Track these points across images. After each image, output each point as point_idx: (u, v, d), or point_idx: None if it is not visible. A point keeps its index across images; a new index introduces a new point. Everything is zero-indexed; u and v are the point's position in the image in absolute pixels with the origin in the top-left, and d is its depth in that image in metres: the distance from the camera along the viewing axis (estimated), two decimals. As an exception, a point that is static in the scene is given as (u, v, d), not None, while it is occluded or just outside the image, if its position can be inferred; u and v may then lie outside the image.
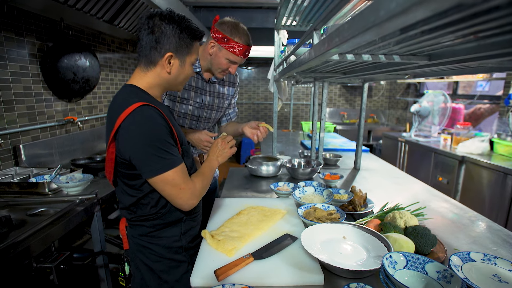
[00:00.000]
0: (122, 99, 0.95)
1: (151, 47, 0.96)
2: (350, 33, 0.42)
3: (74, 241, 2.05)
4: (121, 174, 1.00)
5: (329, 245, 1.00)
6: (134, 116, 0.89)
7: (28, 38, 1.99)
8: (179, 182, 0.94)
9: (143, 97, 0.96)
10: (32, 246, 1.14)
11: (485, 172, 2.60)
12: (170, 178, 0.93)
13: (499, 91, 3.52)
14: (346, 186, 1.79)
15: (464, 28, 0.42)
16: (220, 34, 1.40)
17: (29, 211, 1.36)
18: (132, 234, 1.08)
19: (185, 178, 0.96)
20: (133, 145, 0.90)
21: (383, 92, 6.19)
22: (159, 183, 0.93)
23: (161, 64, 0.98)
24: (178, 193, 0.95)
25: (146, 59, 0.98)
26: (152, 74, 1.00)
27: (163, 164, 0.91)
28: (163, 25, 0.95)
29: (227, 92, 1.70)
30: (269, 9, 4.67)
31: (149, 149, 0.89)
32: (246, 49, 1.43)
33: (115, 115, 0.91)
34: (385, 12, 0.32)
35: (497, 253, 1.06)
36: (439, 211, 1.44)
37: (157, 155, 0.90)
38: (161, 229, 1.05)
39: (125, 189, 1.01)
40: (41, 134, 2.12)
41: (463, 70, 0.96)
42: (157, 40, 0.95)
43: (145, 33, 0.96)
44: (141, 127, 0.89)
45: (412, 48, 0.62)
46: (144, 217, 1.03)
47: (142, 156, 0.90)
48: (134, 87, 0.99)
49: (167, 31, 0.95)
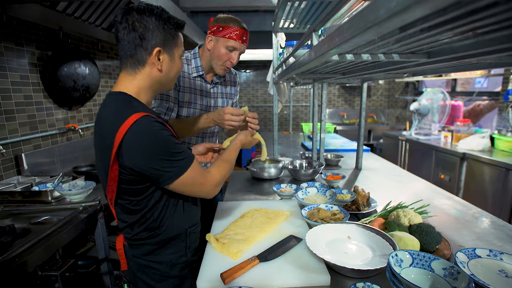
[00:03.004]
0: (114, 111, 0.86)
1: (136, 45, 0.87)
2: (350, 33, 0.42)
3: (78, 248, 2.04)
4: (125, 192, 0.91)
5: (334, 245, 1.00)
6: (137, 128, 0.82)
7: (28, 48, 2.00)
8: (198, 179, 0.92)
9: (137, 107, 0.88)
10: (36, 254, 1.14)
11: (487, 168, 2.60)
12: (190, 178, 0.90)
13: (498, 87, 3.52)
14: (349, 186, 1.79)
15: (462, 25, 0.43)
16: (215, 26, 1.41)
17: (33, 219, 1.36)
18: (133, 254, 1.01)
19: (202, 172, 0.94)
20: (145, 158, 0.84)
21: (382, 92, 6.21)
22: (180, 187, 0.90)
23: (151, 63, 0.90)
24: (200, 189, 0.94)
25: (132, 60, 0.89)
26: (141, 76, 0.91)
27: (179, 167, 0.88)
28: (144, 19, 0.86)
29: (230, 92, 1.70)
30: (266, 12, 4.70)
31: (163, 157, 0.85)
32: (243, 33, 1.42)
33: (110, 130, 0.83)
34: (385, 11, 0.32)
35: (503, 249, 1.06)
36: (442, 208, 1.44)
37: (171, 160, 0.86)
38: (165, 245, 1.00)
39: (128, 207, 0.94)
40: (42, 142, 2.12)
41: (462, 66, 0.97)
42: (141, 36, 0.86)
43: (125, 32, 0.86)
44: (149, 139, 0.83)
45: (411, 46, 0.63)
46: (147, 234, 0.97)
47: (157, 166, 0.85)
48: (124, 95, 0.89)
49: (150, 25, 0.87)
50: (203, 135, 1.64)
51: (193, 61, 1.51)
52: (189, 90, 1.50)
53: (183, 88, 1.49)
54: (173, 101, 1.45)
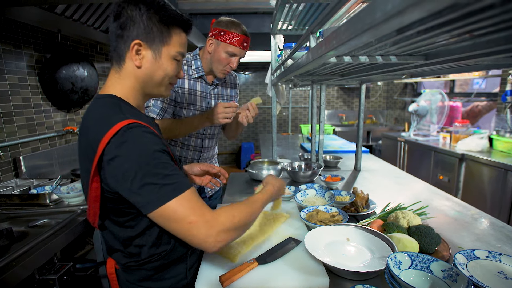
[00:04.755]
0: (99, 117, 0.74)
1: (117, 36, 0.78)
2: (347, 35, 0.42)
3: (77, 251, 2.03)
4: (111, 212, 0.79)
5: (333, 247, 1.00)
6: (121, 138, 0.70)
7: (26, 50, 2.00)
8: (185, 213, 0.69)
9: (126, 112, 0.76)
10: (34, 258, 1.13)
11: (486, 169, 2.60)
12: (171, 210, 0.69)
13: (496, 88, 3.53)
14: (348, 188, 1.79)
15: (459, 27, 0.43)
16: (217, 30, 1.42)
17: (31, 222, 1.35)
18: (128, 279, 0.88)
19: (194, 207, 0.71)
20: (123, 176, 0.69)
21: (380, 93, 6.22)
22: (159, 219, 0.71)
23: (129, 57, 0.79)
24: (188, 230, 0.70)
25: (115, 53, 0.80)
26: (125, 74, 0.81)
27: (161, 193, 0.69)
28: (129, 7, 0.76)
29: (230, 93, 1.71)
30: (264, 14, 4.71)
31: (144, 177, 0.69)
32: (244, 39, 1.43)
33: (94, 139, 0.71)
34: (381, 14, 0.32)
35: (502, 250, 1.06)
36: (441, 210, 1.44)
37: (153, 182, 0.69)
38: (164, 270, 0.88)
39: (116, 231, 0.82)
40: (40, 145, 2.12)
41: (460, 68, 0.97)
42: (122, 26, 0.76)
43: (111, 21, 0.78)
44: (131, 152, 0.69)
45: (409, 48, 0.63)
46: (143, 260, 0.84)
47: (136, 187, 0.69)
48: (112, 98, 0.80)
49: (133, 14, 0.76)
50: (203, 137, 1.64)
51: (194, 62, 1.51)
52: (189, 91, 1.50)
53: (183, 89, 1.49)
54: (167, 102, 1.45)
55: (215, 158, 1.95)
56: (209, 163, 1.84)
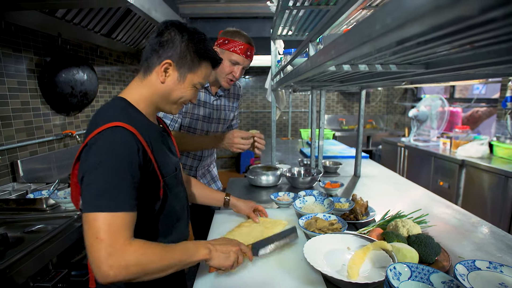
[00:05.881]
0: (103, 114, 0.81)
1: (153, 50, 0.87)
2: (346, 46, 0.41)
3: (74, 256, 2.02)
4: None
5: (332, 257, 0.98)
6: (100, 136, 0.75)
7: (26, 54, 2.00)
8: (99, 228, 0.67)
9: (128, 115, 0.82)
10: (29, 265, 1.12)
11: (486, 176, 2.59)
12: (91, 218, 0.68)
13: (496, 94, 3.53)
14: (347, 194, 1.77)
15: (460, 39, 0.42)
16: (221, 39, 1.43)
17: (27, 228, 1.34)
18: None
19: (112, 229, 0.68)
20: (83, 168, 0.74)
21: (380, 98, 6.22)
22: (83, 219, 0.71)
23: (157, 71, 0.88)
24: (91, 244, 0.67)
25: (146, 63, 0.89)
26: (147, 83, 0.89)
27: (98, 203, 0.69)
28: (174, 31, 0.87)
29: (232, 104, 1.73)
30: (265, 19, 4.73)
31: (94, 178, 0.71)
32: (248, 48, 1.44)
33: (89, 130, 0.79)
34: (381, 27, 0.31)
35: (503, 260, 1.04)
36: (441, 217, 1.42)
37: (99, 188, 0.70)
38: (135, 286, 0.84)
39: None
40: (39, 149, 2.11)
41: (460, 76, 0.96)
42: (161, 43, 0.86)
43: (153, 36, 0.88)
44: (99, 150, 0.73)
45: (409, 57, 0.62)
46: None
47: (85, 183, 0.72)
48: (123, 101, 0.87)
49: (175, 38, 0.86)
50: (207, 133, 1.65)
51: None
52: None
53: None
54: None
55: (213, 163, 1.94)
56: (207, 169, 1.84)
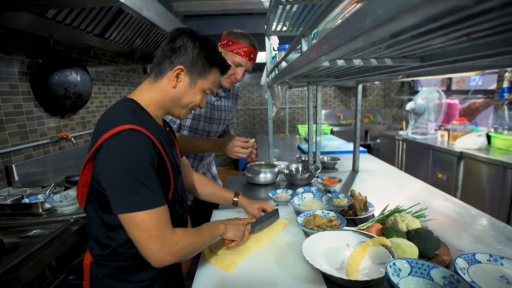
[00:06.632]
0: (114, 115, 0.84)
1: (165, 55, 0.90)
2: (338, 41, 0.40)
3: (72, 259, 2.00)
4: (96, 201, 0.87)
5: (331, 254, 0.97)
6: (119, 138, 0.77)
7: (17, 56, 1.96)
8: (150, 226, 0.76)
9: (139, 117, 0.84)
10: (25, 271, 1.10)
11: (484, 167, 2.59)
12: (139, 219, 0.75)
13: (493, 85, 3.52)
14: (346, 190, 1.77)
15: (456, 31, 0.40)
16: (226, 40, 1.43)
17: (23, 233, 1.32)
18: (97, 274, 0.92)
19: (160, 224, 0.78)
20: (108, 171, 0.77)
21: (377, 91, 6.21)
22: (126, 222, 0.77)
23: (168, 76, 0.90)
24: (146, 241, 0.76)
25: (158, 68, 0.91)
26: (157, 87, 0.92)
27: (137, 201, 0.76)
28: (186, 37, 0.90)
29: (232, 105, 1.74)
30: (260, 15, 4.69)
31: (125, 179, 0.75)
32: (251, 51, 1.44)
33: (100, 131, 0.80)
34: (372, 20, 0.30)
35: (503, 252, 1.04)
36: (440, 211, 1.42)
37: (132, 188, 0.76)
38: (129, 272, 0.90)
39: (96, 219, 0.89)
40: (34, 152, 2.09)
41: (457, 69, 0.95)
42: (173, 49, 0.89)
43: (166, 42, 0.91)
44: (120, 153, 0.76)
45: (404, 51, 0.61)
46: (110, 256, 0.89)
47: (115, 186, 0.76)
48: (133, 103, 0.89)
49: (187, 44, 0.90)
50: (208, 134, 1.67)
51: None
52: None
53: None
54: None
55: (212, 162, 1.93)
56: (207, 168, 1.83)
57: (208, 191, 1.33)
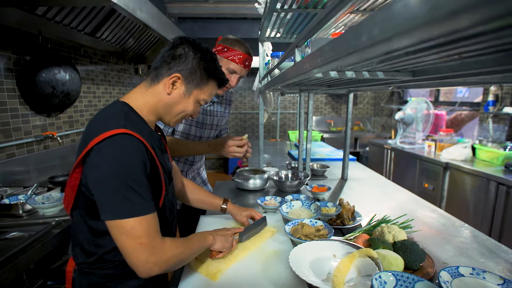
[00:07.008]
0: (105, 119, 0.82)
1: (164, 61, 0.89)
2: (332, 56, 0.40)
3: (53, 262, 1.94)
4: (83, 206, 0.84)
5: (318, 265, 0.97)
6: (111, 142, 0.75)
7: (3, 52, 1.91)
8: (140, 234, 0.73)
9: (132, 121, 0.83)
10: (1, 275, 1.05)
11: (469, 178, 2.64)
12: (129, 227, 0.73)
13: (478, 97, 3.62)
14: (334, 198, 1.77)
15: (449, 50, 0.41)
16: (221, 46, 1.43)
17: (0, 235, 1.27)
18: (80, 282, 0.89)
19: (150, 232, 0.75)
20: (98, 175, 0.75)
21: (368, 100, 6.30)
22: (114, 229, 0.75)
23: (164, 82, 0.89)
24: (134, 249, 0.73)
25: (155, 72, 0.90)
26: (152, 92, 0.90)
27: (127, 208, 0.73)
28: (188, 46, 0.90)
29: (225, 110, 1.73)
30: (254, 20, 4.71)
31: (116, 184, 0.73)
32: (246, 58, 1.44)
33: (91, 134, 0.77)
34: (367, 38, 0.30)
35: (485, 266, 1.05)
36: (426, 222, 1.43)
37: (123, 194, 0.73)
38: (113, 281, 0.88)
39: (82, 225, 0.86)
40: (16, 151, 2.02)
41: (446, 83, 0.97)
42: (173, 56, 0.89)
43: (167, 48, 0.91)
44: (112, 158, 0.74)
45: (396, 66, 0.61)
46: (96, 264, 0.86)
47: (105, 191, 0.74)
48: (126, 106, 0.87)
49: (188, 54, 0.89)
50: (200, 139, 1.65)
51: None
52: None
53: None
54: None
55: (203, 166, 1.91)
56: (197, 172, 1.81)
57: (196, 197, 1.31)
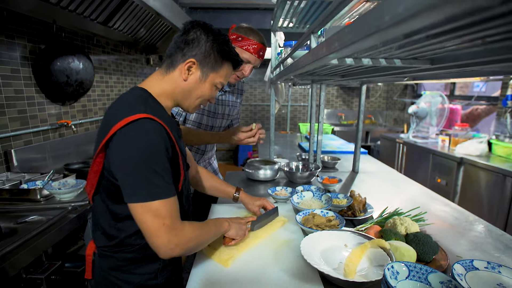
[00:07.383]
0: (126, 104, 0.82)
1: (178, 47, 0.89)
2: (351, 38, 0.39)
3: (69, 247, 2.00)
4: (105, 191, 0.85)
5: (329, 254, 0.97)
6: (134, 127, 0.76)
7: (20, 41, 1.95)
8: (164, 215, 0.76)
9: (151, 107, 0.83)
10: (22, 256, 1.10)
11: (484, 174, 2.58)
12: (154, 208, 0.75)
13: (496, 92, 3.51)
14: (345, 190, 1.76)
15: (473, 33, 0.39)
16: (235, 35, 1.41)
17: (20, 219, 1.32)
18: (101, 265, 0.91)
19: (173, 213, 0.78)
20: (124, 158, 0.76)
21: (380, 93, 6.19)
22: (138, 210, 0.76)
23: (180, 69, 0.90)
24: (158, 229, 0.75)
25: (170, 60, 0.91)
26: (169, 79, 0.91)
27: (152, 191, 0.75)
28: (200, 30, 0.89)
29: (236, 100, 1.73)
30: (266, 10, 4.65)
31: (142, 167, 0.75)
32: (261, 48, 1.42)
33: (113, 119, 0.78)
34: (391, 17, 0.29)
35: (500, 260, 1.04)
36: (439, 215, 1.41)
37: (148, 178, 0.75)
38: (135, 264, 0.89)
39: (103, 209, 0.87)
40: (33, 138, 2.08)
41: (463, 73, 0.94)
42: (186, 41, 0.89)
43: (179, 34, 0.91)
44: (138, 141, 0.75)
45: (414, 52, 0.60)
46: (117, 248, 0.88)
47: (130, 174, 0.75)
48: (144, 92, 0.88)
49: (201, 37, 0.89)
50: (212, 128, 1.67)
51: None
52: None
53: None
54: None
55: (214, 156, 1.92)
56: (208, 162, 1.82)
57: (210, 185, 1.32)
